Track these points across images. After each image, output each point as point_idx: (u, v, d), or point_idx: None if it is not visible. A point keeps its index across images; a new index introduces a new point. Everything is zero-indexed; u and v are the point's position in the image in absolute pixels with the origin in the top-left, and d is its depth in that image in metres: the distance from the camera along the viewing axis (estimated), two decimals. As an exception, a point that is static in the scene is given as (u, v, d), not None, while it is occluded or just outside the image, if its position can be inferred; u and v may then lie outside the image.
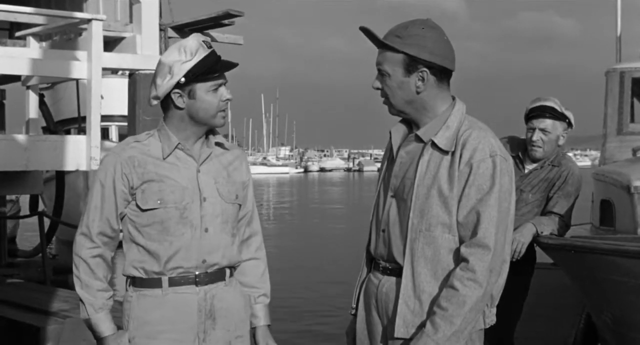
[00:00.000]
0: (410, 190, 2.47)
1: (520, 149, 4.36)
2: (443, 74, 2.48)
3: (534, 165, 4.31)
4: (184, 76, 2.53)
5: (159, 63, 2.58)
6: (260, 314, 2.80)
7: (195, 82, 2.55)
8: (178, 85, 2.54)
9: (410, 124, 2.58)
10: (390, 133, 2.62)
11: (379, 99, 2.60)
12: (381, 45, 2.50)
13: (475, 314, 2.37)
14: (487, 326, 2.54)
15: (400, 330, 2.45)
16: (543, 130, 4.22)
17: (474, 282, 2.34)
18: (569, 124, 4.29)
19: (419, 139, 2.51)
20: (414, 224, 2.45)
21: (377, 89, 2.55)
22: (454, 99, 2.54)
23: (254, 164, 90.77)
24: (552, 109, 4.23)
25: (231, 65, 2.61)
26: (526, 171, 4.31)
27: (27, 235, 15.30)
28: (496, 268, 2.38)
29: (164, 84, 2.55)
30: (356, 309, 2.71)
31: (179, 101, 2.57)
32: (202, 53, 2.55)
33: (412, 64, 2.45)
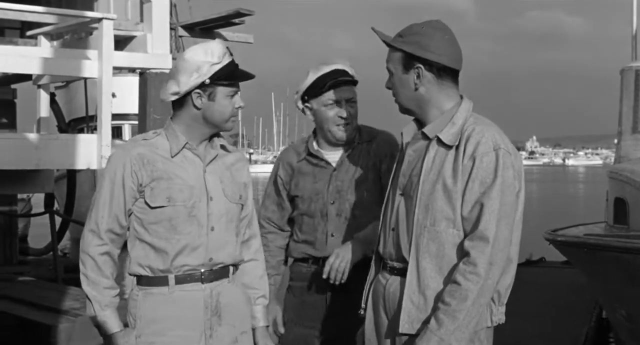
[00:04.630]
0: (416, 187, 2.50)
1: (303, 143, 3.37)
2: (442, 71, 2.52)
3: (338, 151, 3.26)
4: (210, 78, 2.59)
5: (184, 60, 2.62)
6: (259, 315, 2.84)
7: (218, 85, 2.61)
8: (202, 85, 2.60)
9: (420, 123, 2.62)
10: (402, 134, 2.67)
11: (390, 98, 2.66)
12: (387, 45, 2.59)
13: (478, 308, 2.37)
14: (496, 324, 2.53)
15: (405, 325, 2.46)
16: (350, 101, 3.21)
17: (475, 276, 2.34)
18: None
19: (425, 136, 2.55)
20: (419, 220, 2.47)
21: (388, 88, 2.62)
22: (462, 98, 2.57)
23: (265, 162, 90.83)
24: (346, 72, 3.23)
25: (249, 76, 2.69)
26: (334, 164, 3.25)
27: (39, 233, 15.35)
28: (497, 261, 2.37)
29: (189, 82, 2.59)
30: (365, 309, 2.72)
31: (197, 101, 2.62)
32: (227, 58, 2.63)
33: (408, 61, 2.52)
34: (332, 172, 3.25)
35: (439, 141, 2.49)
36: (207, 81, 2.60)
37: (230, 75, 2.62)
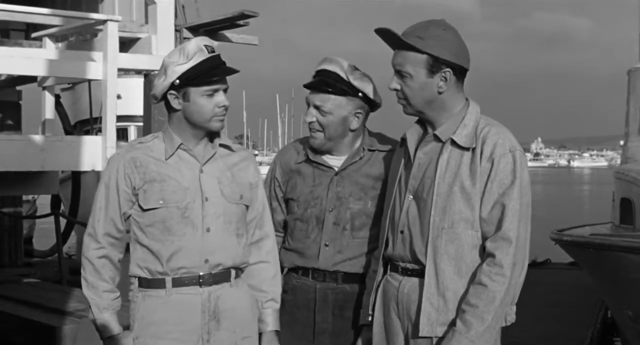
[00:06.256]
0: (431, 189, 2.49)
1: (304, 143, 3.09)
2: (461, 74, 2.53)
3: (341, 155, 2.99)
4: (178, 78, 2.55)
5: (162, 62, 2.61)
6: (268, 320, 2.78)
7: (189, 85, 2.56)
8: (173, 86, 2.57)
9: (425, 125, 2.61)
10: (403, 139, 2.65)
11: (395, 98, 2.61)
12: (402, 46, 2.52)
13: (503, 308, 2.39)
14: (508, 324, 2.52)
15: (425, 328, 2.45)
16: (319, 109, 2.92)
17: (502, 277, 2.35)
18: (369, 102, 2.96)
19: (437, 139, 2.54)
20: (436, 222, 2.46)
21: (395, 90, 2.57)
22: (467, 100, 2.58)
23: (269, 164, 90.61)
24: (336, 76, 2.89)
25: (230, 71, 2.61)
26: (336, 168, 2.98)
27: (44, 235, 15.37)
28: (519, 261, 2.39)
29: (159, 84, 2.59)
30: (372, 315, 2.69)
31: (174, 102, 2.60)
32: (200, 57, 2.55)
33: (435, 65, 2.49)
34: (333, 177, 2.95)
35: (453, 143, 2.49)
36: (177, 82, 2.55)
37: (200, 74, 2.54)
